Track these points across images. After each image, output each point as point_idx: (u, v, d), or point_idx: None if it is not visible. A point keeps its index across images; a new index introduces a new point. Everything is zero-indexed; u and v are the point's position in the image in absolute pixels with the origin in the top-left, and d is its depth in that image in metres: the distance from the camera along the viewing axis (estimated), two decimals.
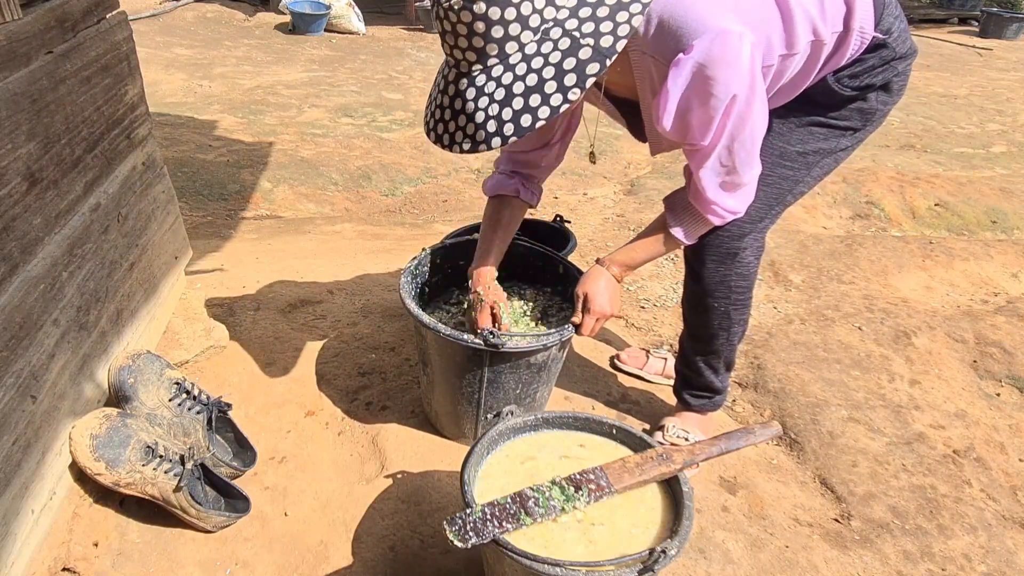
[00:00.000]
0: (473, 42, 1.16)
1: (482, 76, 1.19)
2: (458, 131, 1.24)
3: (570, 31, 1.16)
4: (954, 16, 9.65)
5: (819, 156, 1.53)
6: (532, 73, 1.16)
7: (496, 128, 1.19)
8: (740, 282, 1.61)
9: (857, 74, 1.43)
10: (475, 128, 1.21)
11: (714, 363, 1.77)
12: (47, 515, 1.38)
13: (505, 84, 1.18)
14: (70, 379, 1.44)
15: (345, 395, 1.93)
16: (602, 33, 1.15)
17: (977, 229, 3.64)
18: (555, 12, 1.15)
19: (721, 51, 1.19)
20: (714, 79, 1.20)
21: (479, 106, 1.20)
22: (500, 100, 1.18)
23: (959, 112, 5.83)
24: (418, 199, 3.94)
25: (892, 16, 1.41)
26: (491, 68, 1.18)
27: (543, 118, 1.17)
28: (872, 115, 1.51)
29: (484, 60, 1.18)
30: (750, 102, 1.25)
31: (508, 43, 1.15)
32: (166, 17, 7.29)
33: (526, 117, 1.17)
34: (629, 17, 1.15)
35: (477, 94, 1.19)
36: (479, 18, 1.12)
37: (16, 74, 1.26)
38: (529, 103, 1.17)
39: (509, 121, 1.18)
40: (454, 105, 1.23)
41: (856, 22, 1.35)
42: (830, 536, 1.71)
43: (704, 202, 1.40)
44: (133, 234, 1.72)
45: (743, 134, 1.29)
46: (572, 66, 1.15)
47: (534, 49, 1.16)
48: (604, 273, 1.52)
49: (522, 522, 1.18)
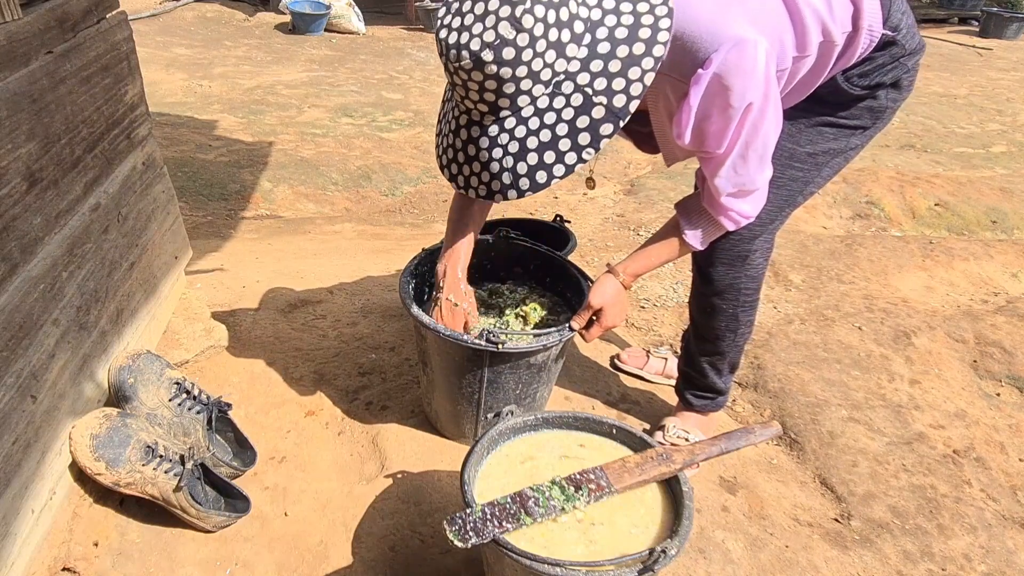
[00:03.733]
0: (485, 97, 1.17)
1: (495, 127, 1.20)
2: (472, 176, 1.26)
3: (582, 86, 1.16)
4: (954, 16, 9.64)
5: (829, 156, 1.52)
6: (545, 129, 1.17)
7: (511, 181, 1.21)
8: (749, 284, 1.62)
9: (867, 72, 1.42)
10: (490, 177, 1.23)
11: (719, 364, 1.77)
12: (47, 515, 1.38)
13: (519, 137, 1.19)
14: (70, 379, 1.44)
15: (345, 395, 1.93)
16: (615, 92, 1.15)
17: (977, 229, 3.64)
18: (566, 64, 1.15)
19: (737, 60, 1.17)
20: (730, 88, 1.19)
21: (493, 156, 1.21)
22: (514, 153, 1.20)
23: (959, 112, 5.83)
24: (418, 199, 3.94)
25: (900, 12, 1.39)
26: (503, 120, 1.19)
27: (558, 176, 1.18)
28: (882, 113, 1.49)
29: (496, 112, 1.19)
30: (764, 109, 1.24)
31: (520, 97, 1.16)
32: (166, 17, 7.29)
33: (541, 174, 1.19)
34: (642, 74, 1.15)
35: (491, 144, 1.21)
36: (491, 77, 1.13)
37: (16, 74, 1.26)
38: (543, 159, 1.18)
39: (524, 176, 1.20)
40: (467, 150, 1.25)
41: (865, 21, 1.34)
42: (830, 536, 1.71)
43: (719, 208, 1.39)
44: (133, 234, 1.72)
45: (757, 140, 1.28)
46: (585, 125, 1.16)
47: (546, 103, 1.17)
48: (615, 283, 1.50)
49: (522, 522, 1.18)
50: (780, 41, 1.28)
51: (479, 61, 1.12)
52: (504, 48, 1.10)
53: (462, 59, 1.13)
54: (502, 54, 1.11)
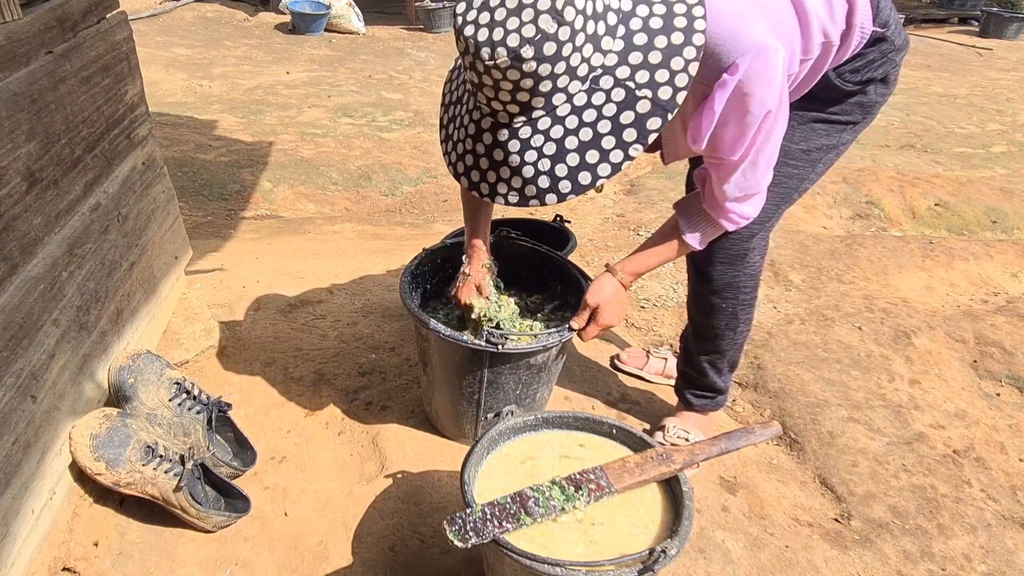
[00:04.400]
0: (518, 97, 1.10)
1: (526, 128, 1.13)
2: (500, 183, 1.18)
3: (622, 80, 1.10)
4: (954, 16, 9.64)
5: (822, 152, 1.53)
6: (586, 127, 1.11)
7: (550, 184, 1.14)
8: (748, 282, 1.62)
9: (858, 69, 1.43)
10: (523, 183, 1.15)
11: (718, 363, 1.77)
12: (47, 515, 1.38)
13: (555, 138, 1.12)
14: (70, 379, 1.44)
15: (345, 395, 1.93)
16: (659, 84, 1.09)
17: (977, 229, 3.64)
18: (603, 58, 1.10)
19: (761, 68, 1.16)
20: (751, 96, 1.17)
21: (526, 160, 1.13)
22: (551, 155, 1.12)
23: (959, 112, 5.83)
24: (418, 199, 3.94)
25: (887, 8, 1.42)
26: (536, 120, 1.12)
27: (603, 175, 1.11)
28: (872, 108, 1.51)
29: (528, 113, 1.12)
30: (778, 116, 1.24)
31: (556, 95, 1.10)
32: (166, 17, 7.29)
33: (584, 175, 1.12)
34: (685, 65, 1.10)
35: (522, 147, 1.13)
36: (528, 76, 1.06)
37: (16, 74, 1.26)
38: (586, 159, 1.11)
39: (565, 179, 1.13)
40: (492, 155, 1.17)
41: (858, 18, 1.35)
42: (830, 536, 1.71)
43: (721, 211, 1.38)
44: (133, 234, 1.72)
45: (768, 147, 1.28)
46: (630, 120, 1.10)
47: (584, 100, 1.11)
48: (614, 282, 1.50)
49: (522, 522, 1.18)
50: (791, 46, 1.29)
51: (518, 58, 1.04)
52: (545, 43, 1.03)
53: (498, 57, 1.04)
54: (543, 50, 1.03)
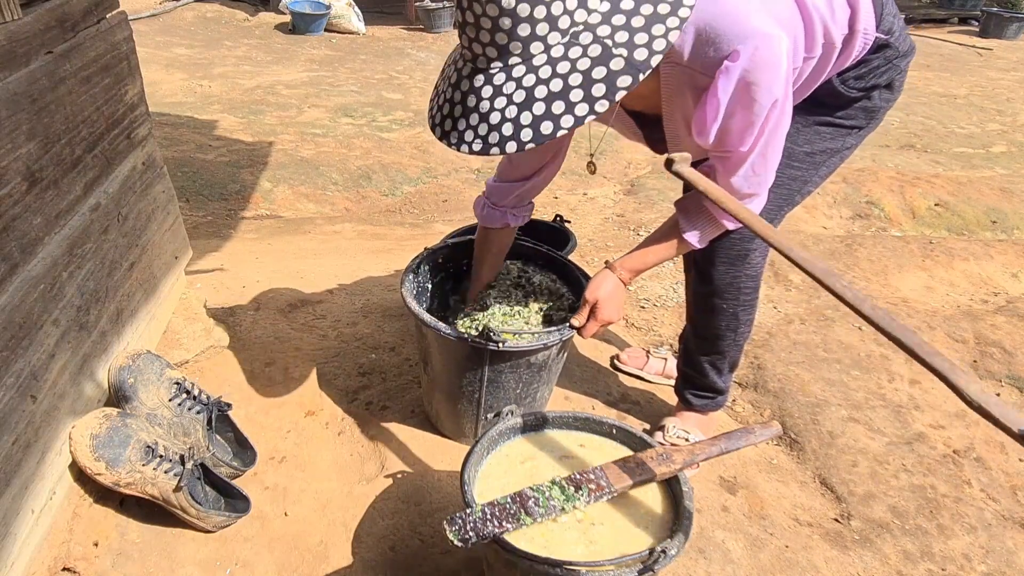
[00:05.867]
0: (496, 37, 1.10)
1: (501, 75, 1.12)
2: (468, 130, 1.17)
3: (601, 38, 1.10)
4: (954, 16, 9.64)
5: (826, 156, 1.53)
6: (557, 78, 1.10)
7: (512, 132, 1.12)
8: (749, 283, 1.62)
9: (863, 75, 1.43)
10: (488, 129, 1.14)
11: (719, 363, 1.77)
12: (47, 515, 1.38)
13: (526, 86, 1.11)
14: (70, 379, 1.44)
15: (345, 395, 1.93)
16: (636, 45, 1.09)
17: (977, 229, 3.64)
18: (587, 16, 1.10)
19: (765, 55, 1.15)
20: (757, 84, 1.17)
21: (495, 106, 1.13)
22: (519, 103, 1.11)
23: (959, 112, 5.83)
24: (418, 199, 3.94)
25: (891, 15, 1.42)
26: (512, 67, 1.12)
27: (565, 127, 1.10)
28: (876, 113, 1.51)
29: (505, 58, 1.11)
30: (784, 107, 1.23)
31: (534, 43, 1.09)
32: (166, 17, 7.30)
33: (547, 124, 1.11)
34: (666, 31, 1.10)
35: (494, 93, 1.13)
36: (506, 13, 1.06)
37: (16, 74, 1.26)
38: (551, 109, 1.10)
39: (528, 126, 1.11)
40: (466, 102, 1.16)
41: (861, 24, 1.35)
42: (830, 536, 1.71)
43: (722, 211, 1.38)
44: (133, 234, 1.72)
45: (776, 138, 1.27)
46: (602, 76, 1.09)
47: (561, 52, 1.10)
48: (613, 278, 1.49)
49: (522, 522, 1.18)
50: (795, 39, 1.28)
51: None
52: None
53: None
54: None
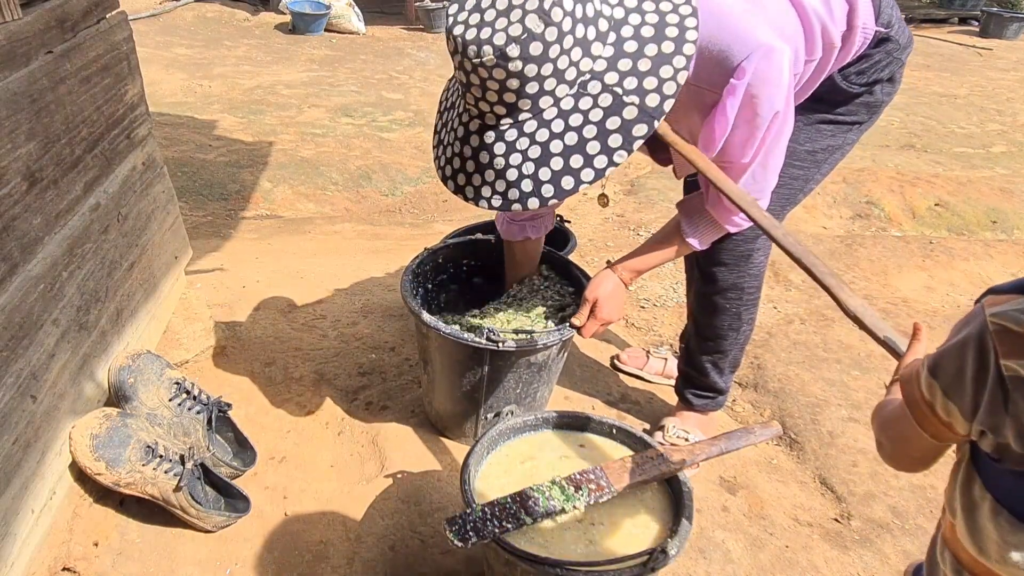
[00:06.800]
0: (504, 97, 1.10)
1: (512, 131, 1.12)
2: (485, 186, 1.17)
3: (610, 86, 1.10)
4: (954, 16, 9.63)
5: (827, 153, 1.53)
6: (571, 132, 1.10)
7: (533, 188, 1.13)
8: (751, 283, 1.62)
9: (864, 70, 1.43)
10: (506, 186, 1.14)
11: (720, 363, 1.77)
12: (47, 515, 1.38)
13: (540, 141, 1.11)
14: (70, 379, 1.44)
15: (345, 395, 1.93)
16: (647, 91, 1.09)
17: (977, 229, 3.64)
18: (592, 64, 1.10)
19: (767, 69, 1.15)
20: (759, 97, 1.17)
21: (511, 163, 1.13)
22: (536, 159, 1.11)
23: (959, 112, 5.83)
24: (418, 199, 3.94)
25: (889, 7, 1.41)
26: (523, 123, 1.12)
27: (587, 181, 1.10)
28: (878, 107, 1.51)
29: (515, 115, 1.11)
30: (786, 117, 1.23)
31: (543, 98, 1.10)
32: (166, 17, 7.29)
33: (567, 179, 1.11)
34: (674, 73, 1.10)
35: (508, 150, 1.13)
36: (514, 75, 1.06)
37: (16, 74, 1.26)
38: (570, 164, 1.11)
39: (548, 182, 1.11)
40: (478, 158, 1.16)
41: (859, 19, 1.35)
42: (830, 536, 1.71)
43: (724, 212, 1.37)
44: (133, 234, 1.72)
45: (778, 148, 1.27)
46: (617, 126, 1.09)
47: (571, 104, 1.10)
48: (613, 278, 1.50)
49: (522, 522, 1.18)
50: (796, 48, 1.28)
51: (503, 56, 1.04)
52: (531, 43, 1.04)
53: (483, 55, 1.05)
54: (529, 49, 1.04)
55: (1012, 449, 0.62)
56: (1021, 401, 0.60)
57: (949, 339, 0.68)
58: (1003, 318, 0.60)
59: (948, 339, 0.68)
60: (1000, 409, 0.62)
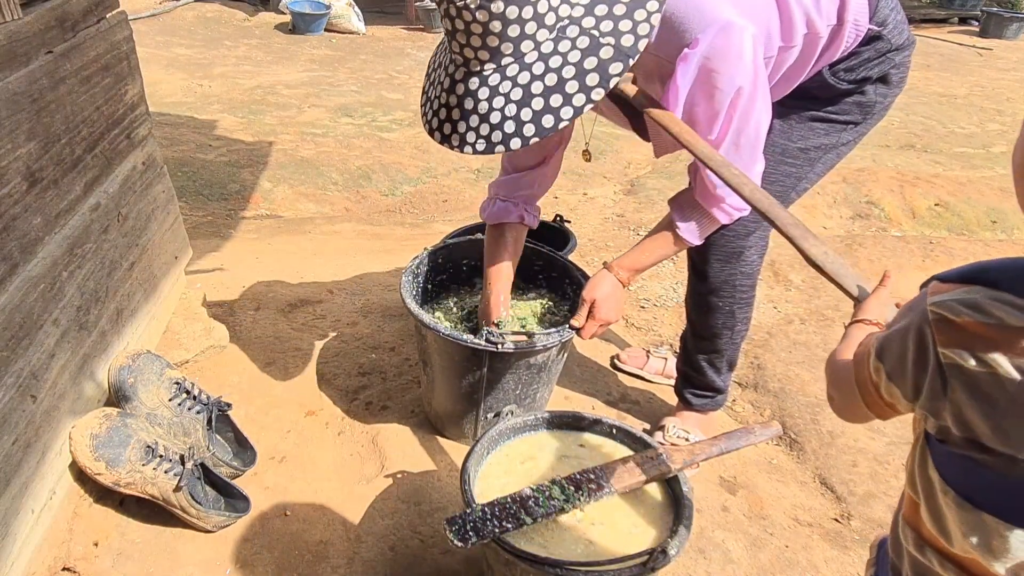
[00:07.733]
0: (487, 41, 1.13)
1: (496, 75, 1.16)
2: (470, 131, 1.20)
3: (587, 29, 1.14)
4: (954, 16, 9.63)
5: (821, 152, 1.53)
6: (551, 72, 1.14)
7: (515, 129, 1.16)
8: (744, 280, 1.62)
9: (853, 67, 1.43)
10: (490, 129, 1.17)
11: (717, 362, 1.77)
12: (47, 515, 1.38)
13: (522, 84, 1.15)
14: (70, 379, 1.44)
15: (345, 395, 1.93)
16: (622, 32, 1.13)
17: (977, 229, 3.64)
18: (570, 9, 1.14)
19: (725, 44, 1.18)
20: (718, 72, 1.20)
21: (494, 106, 1.16)
22: (518, 100, 1.15)
23: (959, 112, 5.83)
24: (418, 199, 3.94)
25: (888, 8, 1.41)
26: (505, 67, 1.15)
27: (566, 119, 1.14)
28: (872, 108, 1.51)
29: (498, 59, 1.15)
30: (754, 96, 1.25)
31: (524, 41, 1.13)
32: (166, 17, 7.29)
33: (548, 118, 1.14)
34: (648, 15, 1.13)
35: (491, 94, 1.16)
36: (496, 17, 1.10)
37: (16, 74, 1.26)
38: (550, 103, 1.14)
39: (529, 122, 1.15)
40: (464, 104, 1.19)
41: (850, 14, 1.36)
42: (830, 536, 1.71)
43: (711, 199, 1.39)
44: (133, 234, 1.72)
45: (749, 128, 1.29)
46: (594, 65, 1.13)
47: (551, 48, 1.14)
48: (611, 279, 1.50)
49: (522, 522, 1.18)
50: (767, 28, 1.30)
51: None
52: None
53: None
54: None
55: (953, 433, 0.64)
56: (959, 388, 0.61)
57: (895, 322, 0.70)
58: (942, 307, 0.62)
59: (894, 321, 0.70)
60: (939, 395, 0.63)
